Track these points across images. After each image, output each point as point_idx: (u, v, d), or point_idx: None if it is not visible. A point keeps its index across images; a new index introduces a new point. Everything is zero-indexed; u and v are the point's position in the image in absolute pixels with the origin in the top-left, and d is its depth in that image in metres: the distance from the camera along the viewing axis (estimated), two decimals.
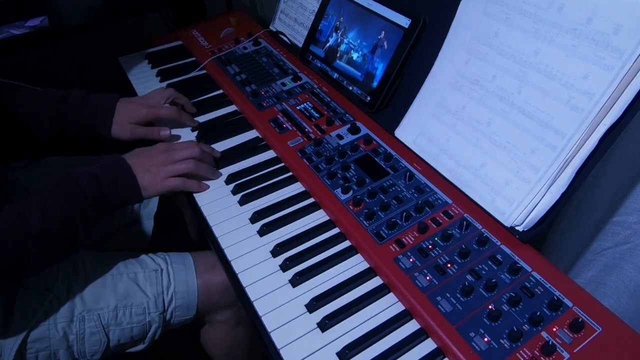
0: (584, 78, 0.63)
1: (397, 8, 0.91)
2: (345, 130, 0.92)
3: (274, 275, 0.72)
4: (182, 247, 0.96)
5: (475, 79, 0.76)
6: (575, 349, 0.56)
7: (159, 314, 0.86)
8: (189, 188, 0.86)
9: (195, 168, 0.85)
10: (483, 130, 0.74)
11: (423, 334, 0.62)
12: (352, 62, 0.98)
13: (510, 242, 0.69)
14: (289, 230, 0.78)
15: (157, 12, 1.59)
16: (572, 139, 0.63)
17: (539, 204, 0.66)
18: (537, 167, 0.67)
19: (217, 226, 0.80)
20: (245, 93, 1.07)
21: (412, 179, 0.80)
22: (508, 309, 0.61)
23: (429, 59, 0.83)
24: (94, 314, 0.81)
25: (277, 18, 1.27)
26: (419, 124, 0.83)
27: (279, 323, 0.65)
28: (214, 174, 0.89)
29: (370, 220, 0.74)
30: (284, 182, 0.87)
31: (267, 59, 1.17)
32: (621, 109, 0.61)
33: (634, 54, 0.58)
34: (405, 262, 0.68)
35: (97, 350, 0.83)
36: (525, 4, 0.70)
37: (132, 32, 1.66)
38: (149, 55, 1.30)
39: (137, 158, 0.83)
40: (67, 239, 0.74)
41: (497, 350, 0.57)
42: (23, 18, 1.27)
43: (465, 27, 0.78)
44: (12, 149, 0.99)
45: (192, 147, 0.86)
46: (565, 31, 0.65)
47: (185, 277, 0.88)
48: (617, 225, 0.82)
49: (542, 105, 0.67)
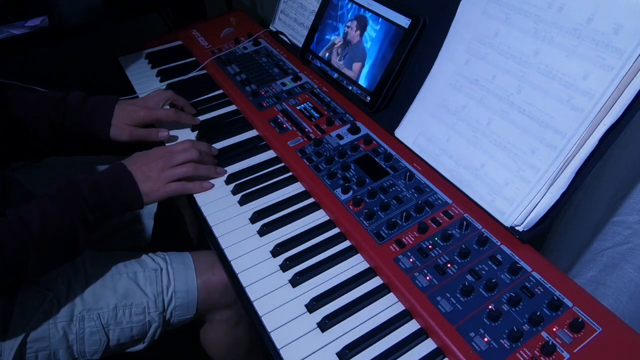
0: (584, 78, 0.63)
1: (397, 8, 0.91)
2: (345, 130, 0.92)
3: (274, 275, 0.72)
4: (181, 247, 0.96)
5: (475, 79, 0.76)
6: (575, 349, 0.56)
7: (158, 313, 0.86)
8: (190, 191, 0.86)
9: (195, 170, 0.86)
10: (483, 130, 0.74)
11: (423, 334, 0.62)
12: (352, 62, 0.98)
13: (510, 242, 0.69)
14: (289, 230, 0.78)
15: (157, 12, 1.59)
16: (572, 139, 0.63)
17: (539, 204, 0.66)
18: (537, 167, 0.67)
19: (217, 226, 0.80)
20: (245, 93, 1.07)
21: (412, 179, 0.80)
22: (508, 309, 0.61)
23: (429, 59, 0.83)
24: (93, 313, 0.81)
25: (277, 18, 1.27)
26: (419, 124, 0.83)
27: (279, 323, 0.65)
28: (215, 172, 0.89)
29: (370, 220, 0.74)
30: (284, 182, 0.87)
31: (267, 59, 1.17)
32: (621, 109, 0.61)
33: (634, 54, 0.58)
34: (405, 262, 0.68)
35: (97, 349, 0.83)
36: (525, 4, 0.70)
37: (132, 32, 1.66)
38: (149, 55, 1.30)
39: (137, 165, 0.83)
40: (67, 244, 0.74)
41: (497, 350, 0.57)
42: (23, 18, 1.27)
43: (465, 27, 0.78)
44: (12, 149, 0.99)
45: (190, 150, 0.86)
46: (565, 31, 0.65)
47: (185, 276, 0.88)
48: (617, 225, 0.82)
49: (542, 105, 0.67)
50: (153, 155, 0.85)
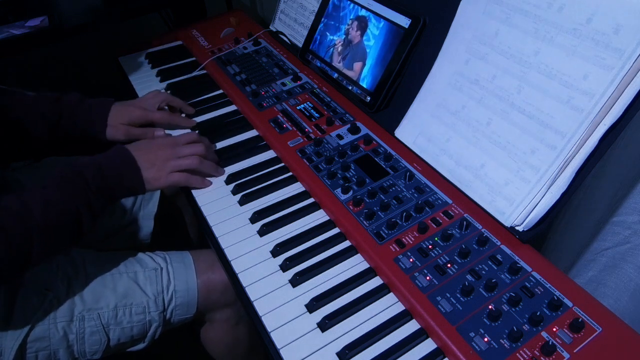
0: (584, 78, 0.63)
1: (397, 8, 0.91)
2: (345, 130, 0.92)
3: (274, 275, 0.72)
4: (182, 247, 0.96)
5: (475, 79, 0.76)
6: (575, 349, 0.56)
7: (159, 313, 0.86)
8: (192, 184, 0.86)
9: (199, 164, 0.86)
10: (483, 130, 0.74)
11: (423, 334, 0.62)
12: (352, 62, 0.98)
13: (510, 242, 0.69)
14: (289, 230, 0.78)
15: (157, 12, 1.59)
16: (572, 139, 0.63)
17: (539, 204, 0.66)
18: (537, 167, 0.67)
19: (217, 226, 0.80)
20: (245, 93, 1.07)
21: (412, 179, 0.80)
22: (508, 309, 0.61)
23: (429, 59, 0.83)
24: (94, 313, 0.81)
25: (277, 18, 1.27)
26: (419, 124, 0.83)
27: (279, 323, 0.65)
28: (216, 170, 0.89)
29: (370, 220, 0.74)
30: (284, 182, 0.87)
31: (267, 59, 1.17)
32: (621, 109, 0.61)
33: (634, 54, 0.58)
34: (405, 262, 0.68)
35: (97, 349, 0.83)
36: (525, 4, 0.70)
37: (132, 32, 1.66)
38: (149, 55, 1.30)
39: (142, 151, 0.83)
40: (71, 229, 0.74)
41: (497, 350, 0.57)
42: (23, 18, 1.27)
43: (465, 27, 0.78)
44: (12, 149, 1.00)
45: (197, 145, 0.87)
46: (565, 31, 0.65)
47: (185, 275, 0.88)
48: (617, 225, 0.82)
49: (542, 105, 0.67)
50: (159, 144, 0.86)
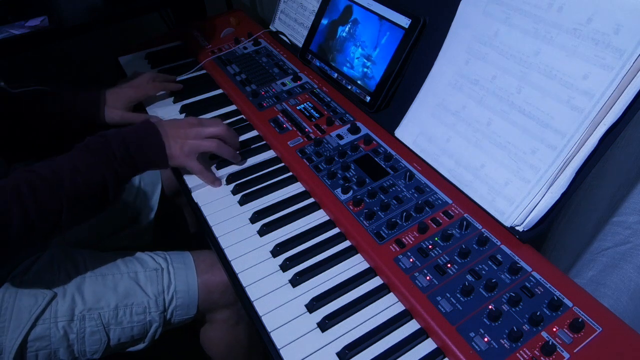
0: (584, 78, 0.63)
1: (397, 8, 0.91)
2: (345, 130, 0.92)
3: (274, 275, 0.72)
4: (182, 247, 0.96)
5: (475, 79, 0.76)
6: (575, 349, 0.56)
7: (159, 313, 0.86)
8: (204, 179, 0.88)
9: (218, 149, 0.87)
10: (483, 130, 0.74)
11: (423, 334, 0.62)
12: (352, 62, 0.98)
13: (510, 242, 0.69)
14: (289, 230, 0.78)
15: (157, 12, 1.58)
16: (572, 139, 0.63)
17: (539, 204, 0.66)
18: (537, 167, 0.67)
19: (217, 226, 0.80)
20: (245, 93, 1.07)
21: (412, 179, 0.80)
22: (508, 309, 0.61)
23: (429, 59, 0.83)
24: (94, 313, 0.81)
25: (277, 18, 1.27)
26: (419, 124, 0.83)
27: (279, 323, 0.65)
28: (235, 157, 0.91)
29: (370, 220, 0.74)
30: (284, 182, 0.87)
31: (267, 59, 1.17)
32: (621, 109, 0.61)
33: (634, 54, 0.58)
34: (405, 262, 0.68)
35: (97, 349, 0.83)
36: (525, 4, 0.70)
37: (132, 32, 1.65)
38: (149, 55, 1.30)
39: (168, 127, 0.85)
40: (98, 197, 0.76)
41: (497, 350, 0.57)
42: (23, 18, 1.26)
43: (465, 27, 0.78)
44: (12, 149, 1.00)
45: (220, 126, 0.89)
46: (565, 31, 0.65)
47: (186, 276, 0.88)
48: (617, 225, 0.82)
49: (542, 105, 0.67)
50: (183, 123, 0.87)
